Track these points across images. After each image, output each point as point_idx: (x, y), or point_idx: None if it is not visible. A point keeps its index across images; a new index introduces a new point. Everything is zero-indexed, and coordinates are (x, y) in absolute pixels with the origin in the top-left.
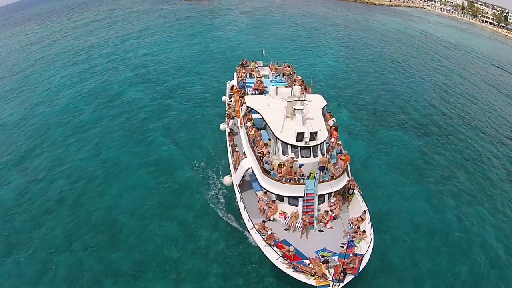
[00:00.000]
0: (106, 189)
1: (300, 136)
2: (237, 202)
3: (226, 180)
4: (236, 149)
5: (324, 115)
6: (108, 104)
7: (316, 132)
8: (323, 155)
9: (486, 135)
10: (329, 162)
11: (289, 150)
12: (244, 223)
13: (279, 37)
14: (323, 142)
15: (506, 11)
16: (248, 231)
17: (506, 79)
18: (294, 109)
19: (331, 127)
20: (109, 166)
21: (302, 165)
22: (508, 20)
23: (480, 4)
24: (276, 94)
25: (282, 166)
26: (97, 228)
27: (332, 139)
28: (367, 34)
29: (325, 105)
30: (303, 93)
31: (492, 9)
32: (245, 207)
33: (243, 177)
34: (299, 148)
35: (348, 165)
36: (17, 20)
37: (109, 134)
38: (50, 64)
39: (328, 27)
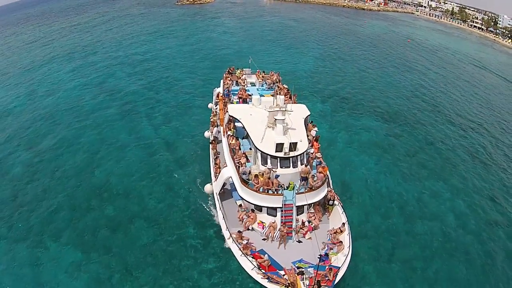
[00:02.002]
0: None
1: (279, 147)
2: (216, 210)
3: (207, 188)
4: (218, 157)
5: (307, 125)
6: (106, 94)
7: (295, 143)
8: (306, 166)
9: (453, 124)
10: (311, 173)
11: (268, 161)
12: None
13: (267, 39)
14: (303, 153)
15: (497, 16)
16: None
17: (482, 76)
18: (275, 119)
19: (313, 137)
20: (108, 144)
21: (278, 176)
22: (498, 25)
23: (472, 10)
24: (260, 103)
25: (260, 176)
26: (98, 190)
27: (313, 150)
28: (350, 37)
29: (308, 115)
30: (288, 102)
31: (484, 14)
32: (223, 216)
33: (224, 186)
34: (278, 158)
35: (329, 176)
36: (15, 20)
37: (106, 118)
38: (53, 61)
39: (314, 30)
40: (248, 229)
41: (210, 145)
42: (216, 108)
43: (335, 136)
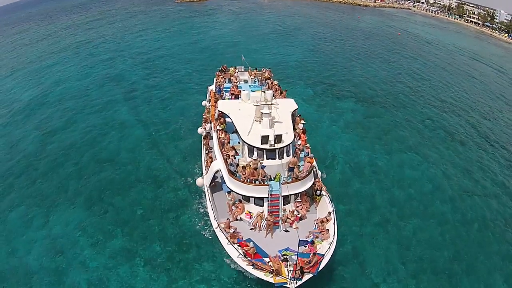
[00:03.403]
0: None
1: (264, 139)
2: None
3: (199, 181)
4: (210, 152)
5: (294, 118)
6: (111, 84)
7: (280, 135)
8: (294, 157)
9: (435, 107)
10: (298, 164)
11: (255, 153)
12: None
13: (263, 34)
14: (289, 144)
15: (495, 11)
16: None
17: (471, 66)
18: (262, 113)
19: (300, 129)
20: (111, 125)
21: (265, 166)
22: (495, 19)
23: (471, 6)
24: (248, 98)
25: (246, 167)
26: (101, 162)
27: (300, 142)
28: (343, 31)
29: (296, 109)
30: (278, 97)
31: (483, 10)
32: (212, 207)
33: (215, 179)
34: (264, 150)
35: (316, 167)
36: (17, 20)
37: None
38: (59, 56)
39: (308, 25)
40: (237, 219)
41: (203, 140)
42: (209, 106)
43: (320, 116)
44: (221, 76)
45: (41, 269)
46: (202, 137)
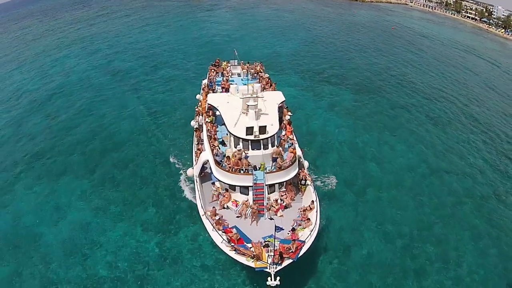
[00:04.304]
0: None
1: (249, 130)
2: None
3: (189, 171)
4: (200, 143)
5: (282, 110)
6: (110, 74)
7: (265, 127)
8: (277, 147)
9: (420, 93)
10: (281, 154)
11: (240, 143)
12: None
13: (259, 27)
14: (273, 135)
15: (493, 7)
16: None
17: (463, 58)
18: (248, 105)
19: (287, 121)
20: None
21: (248, 156)
22: (492, 15)
23: (470, 2)
24: (237, 91)
25: (231, 157)
26: (102, 141)
27: (284, 132)
28: (337, 25)
29: (283, 101)
30: (267, 89)
31: (482, 6)
32: (199, 196)
33: (204, 169)
34: (249, 141)
35: (302, 157)
36: (18, 16)
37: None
38: (63, 51)
39: (304, 19)
40: (224, 208)
41: (195, 132)
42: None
43: (307, 99)
44: (213, 70)
45: (48, 232)
46: (194, 129)
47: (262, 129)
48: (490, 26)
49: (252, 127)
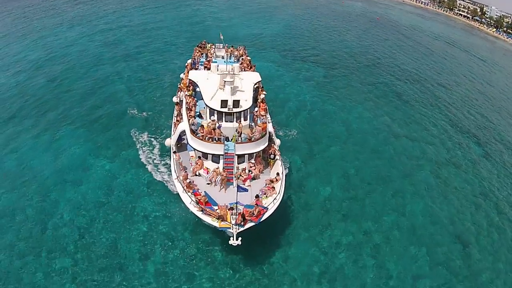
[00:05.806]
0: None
1: (223, 103)
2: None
3: (167, 142)
4: (179, 116)
5: (257, 89)
6: (107, 46)
7: (238, 101)
8: (245, 121)
9: (391, 74)
10: (248, 128)
11: (215, 115)
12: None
13: (248, 11)
14: (246, 110)
15: (486, 6)
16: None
17: (444, 50)
18: (225, 81)
19: (261, 99)
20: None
21: (220, 126)
22: (485, 14)
23: (467, 2)
24: (217, 70)
25: (205, 127)
26: (98, 99)
27: (257, 109)
28: (323, 12)
29: (259, 81)
30: (244, 70)
31: (477, 6)
32: (174, 163)
33: (181, 140)
34: (223, 113)
35: (273, 134)
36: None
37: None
38: (61, 27)
39: (292, 6)
40: (196, 175)
41: (176, 106)
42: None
43: (285, 72)
44: (198, 51)
45: (50, 174)
46: (175, 103)
47: (236, 103)
48: (482, 25)
49: (227, 101)
